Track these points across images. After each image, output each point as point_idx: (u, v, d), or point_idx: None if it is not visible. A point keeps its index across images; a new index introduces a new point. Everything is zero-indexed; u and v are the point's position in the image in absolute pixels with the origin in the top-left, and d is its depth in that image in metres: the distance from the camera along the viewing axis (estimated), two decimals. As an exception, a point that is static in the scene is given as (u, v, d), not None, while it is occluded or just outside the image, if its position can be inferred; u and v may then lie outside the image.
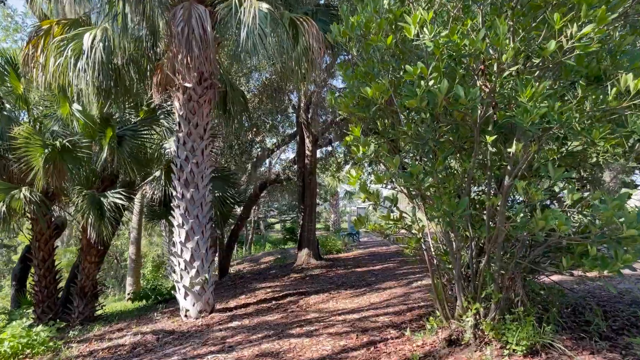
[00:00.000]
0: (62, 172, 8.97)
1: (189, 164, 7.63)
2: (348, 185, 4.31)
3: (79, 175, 9.13)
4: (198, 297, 7.50)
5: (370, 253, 15.32)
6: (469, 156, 3.59)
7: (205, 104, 7.82)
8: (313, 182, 13.16)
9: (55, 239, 11.13)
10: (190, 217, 7.57)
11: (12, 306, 12.72)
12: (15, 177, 9.45)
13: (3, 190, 8.22)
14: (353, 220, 4.38)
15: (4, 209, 8.11)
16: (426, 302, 6.18)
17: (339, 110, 4.45)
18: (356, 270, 10.98)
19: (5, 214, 8.33)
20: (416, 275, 9.06)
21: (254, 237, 29.68)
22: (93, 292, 10.72)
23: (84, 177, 9.92)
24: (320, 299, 7.65)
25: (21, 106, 10.27)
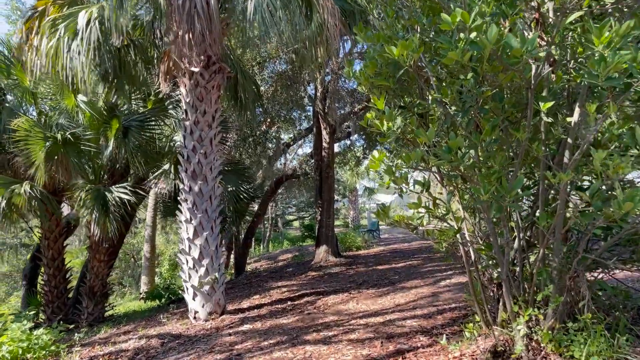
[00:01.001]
0: (67, 166, 8.52)
1: (196, 155, 7.08)
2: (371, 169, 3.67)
3: (83, 170, 8.64)
4: (207, 297, 6.94)
5: (392, 250, 14.64)
6: (516, 129, 2.93)
7: (213, 89, 7.25)
8: (331, 176, 12.53)
9: (65, 237, 10.73)
10: (199, 211, 7.02)
11: (22, 306, 12.39)
12: (21, 172, 9.05)
13: (3, 184, 7.78)
14: (375, 212, 3.77)
15: (3, 204, 7.66)
16: (458, 304, 5.52)
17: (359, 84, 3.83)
18: (378, 268, 10.33)
19: (5, 210, 7.89)
20: (443, 273, 8.37)
21: (271, 234, 29.19)
22: (102, 292, 10.27)
23: (91, 171, 9.48)
24: (339, 300, 7.03)
25: (28, 99, 9.88)
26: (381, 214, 3.74)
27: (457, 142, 2.58)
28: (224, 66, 7.33)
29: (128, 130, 8.47)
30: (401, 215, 3.48)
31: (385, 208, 3.73)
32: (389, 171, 3.06)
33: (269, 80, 10.99)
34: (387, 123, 3.14)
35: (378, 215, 3.76)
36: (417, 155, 2.87)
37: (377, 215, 3.77)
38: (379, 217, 3.76)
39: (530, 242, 3.54)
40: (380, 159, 3.37)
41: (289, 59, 11.68)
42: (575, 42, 2.76)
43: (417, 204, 3.17)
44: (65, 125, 8.99)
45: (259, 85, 9.71)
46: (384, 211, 3.71)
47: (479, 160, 2.82)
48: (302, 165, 15.99)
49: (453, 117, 2.96)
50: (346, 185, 33.17)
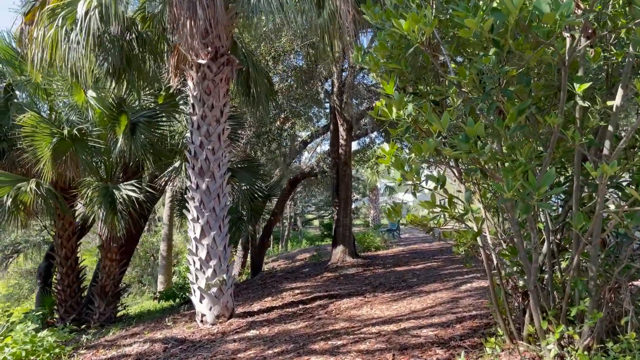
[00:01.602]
0: (76, 163, 8.34)
1: (203, 151, 6.78)
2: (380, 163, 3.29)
3: (93, 167, 8.44)
4: (215, 300, 6.64)
5: (411, 250, 14.18)
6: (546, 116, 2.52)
7: (221, 83, 6.94)
8: (348, 174, 12.14)
9: (79, 236, 10.59)
10: (206, 210, 6.72)
11: (36, 305, 12.33)
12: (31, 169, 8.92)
13: (9, 182, 7.61)
14: (387, 211, 3.39)
15: (9, 202, 7.49)
16: (479, 311, 5.08)
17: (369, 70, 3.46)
18: (395, 270, 9.91)
19: (11, 208, 7.72)
20: (464, 276, 7.91)
21: (290, 233, 28.90)
22: (114, 292, 10.07)
23: (103, 168, 9.30)
24: (352, 304, 6.65)
25: (41, 96, 9.76)
26: (392, 213, 3.37)
27: (476, 129, 2.19)
28: (232, 58, 7.01)
29: (136, 127, 8.22)
30: (414, 215, 3.09)
31: (397, 207, 3.35)
32: (398, 164, 2.67)
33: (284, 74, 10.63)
34: (396, 110, 2.76)
35: (389, 215, 3.39)
36: (429, 146, 2.48)
37: (388, 215, 3.40)
38: (390, 216, 3.39)
39: (562, 246, 3.12)
40: (391, 153, 2.99)
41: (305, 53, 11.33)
42: (618, 12, 2.34)
43: (430, 203, 2.79)
44: (76, 122, 8.82)
45: (271, 80, 9.38)
46: (395, 210, 3.34)
47: (501, 151, 2.42)
48: (320, 163, 15.63)
49: (472, 103, 2.56)
50: (366, 184, 32.70)
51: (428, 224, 3.37)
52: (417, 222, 3.38)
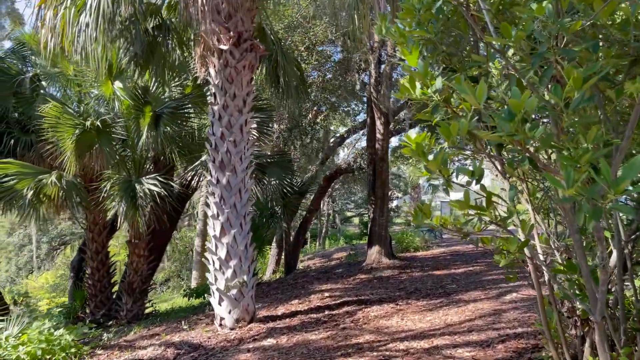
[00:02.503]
0: (100, 155, 8.11)
1: (224, 143, 6.35)
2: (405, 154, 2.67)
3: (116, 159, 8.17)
4: (235, 303, 6.20)
5: (453, 252, 13.37)
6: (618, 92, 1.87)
7: (244, 70, 6.49)
8: (384, 170, 11.48)
9: (110, 230, 10.44)
10: (226, 206, 6.28)
11: (69, 299, 12.33)
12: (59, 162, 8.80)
13: (31, 174, 7.42)
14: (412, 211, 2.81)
15: (29, 195, 7.29)
16: (526, 328, 4.39)
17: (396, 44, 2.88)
18: (434, 274, 9.21)
19: (34, 201, 7.54)
20: (509, 283, 7.15)
21: (328, 231, 28.37)
22: (142, 288, 9.83)
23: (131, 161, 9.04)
24: (382, 312, 6.05)
25: (74, 88, 9.63)
26: (419, 214, 2.78)
27: (524, 102, 1.58)
28: (256, 44, 6.54)
29: (160, 118, 7.89)
30: (445, 217, 2.49)
31: (424, 207, 2.76)
32: (419, 151, 2.09)
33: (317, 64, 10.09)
34: (421, 85, 2.17)
35: (415, 218, 2.81)
36: (461, 128, 1.88)
37: (414, 217, 2.82)
38: (416, 219, 2.81)
39: (635, 260, 2.45)
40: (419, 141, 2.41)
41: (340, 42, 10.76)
42: None
43: (463, 202, 2.18)
44: (103, 113, 8.61)
45: (302, 69, 8.85)
46: (423, 211, 2.75)
47: (559, 132, 1.80)
48: (357, 159, 15.04)
49: (519, 73, 1.94)
50: (408, 181, 31.77)
51: (462, 228, 2.78)
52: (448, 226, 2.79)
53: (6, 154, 8.32)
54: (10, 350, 6.07)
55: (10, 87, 8.34)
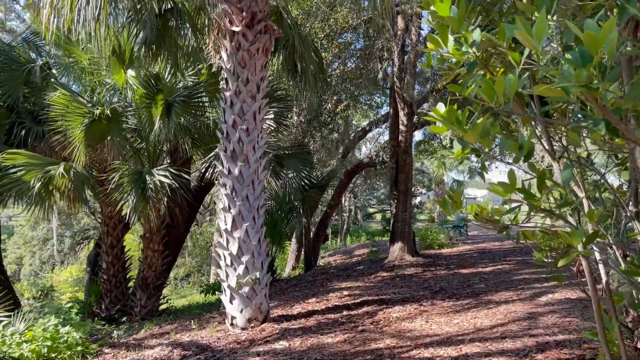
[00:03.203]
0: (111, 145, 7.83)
1: (236, 131, 5.96)
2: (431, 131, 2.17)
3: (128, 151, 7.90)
4: (247, 301, 5.82)
5: (479, 249, 12.78)
6: None
7: (258, 53, 6.08)
8: (408, 163, 10.98)
9: (126, 224, 10.20)
10: (238, 198, 5.90)
11: (85, 294, 12.19)
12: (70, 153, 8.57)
13: (39, 165, 7.17)
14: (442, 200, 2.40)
15: (37, 186, 7.03)
16: (568, 335, 3.89)
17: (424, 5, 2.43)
18: (460, 272, 8.69)
19: (42, 193, 7.28)
20: (543, 283, 6.61)
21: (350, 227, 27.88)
22: (156, 284, 9.54)
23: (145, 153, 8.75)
24: (405, 313, 5.59)
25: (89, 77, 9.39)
26: (449, 203, 2.35)
27: (605, 37, 1.13)
28: (270, 25, 6.12)
29: (171, 107, 7.55)
30: (481, 206, 2.05)
31: (455, 194, 2.32)
32: (451, 119, 1.64)
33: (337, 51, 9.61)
34: (453, 37, 1.72)
35: (443, 205, 2.38)
36: (508, 85, 1.42)
37: (443, 205, 2.39)
38: (444, 206, 2.38)
39: None
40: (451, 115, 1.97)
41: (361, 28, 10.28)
42: None
43: (508, 185, 1.73)
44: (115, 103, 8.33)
45: (321, 56, 8.41)
46: (454, 200, 2.31)
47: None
48: (380, 152, 14.54)
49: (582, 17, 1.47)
50: (432, 177, 31.04)
51: (501, 220, 2.34)
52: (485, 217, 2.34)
53: (17, 144, 8.11)
54: (14, 348, 5.81)
55: (19, 75, 8.11)
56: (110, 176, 7.11)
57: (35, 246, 28.39)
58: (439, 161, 28.74)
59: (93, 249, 12.50)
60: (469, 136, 1.63)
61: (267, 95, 8.79)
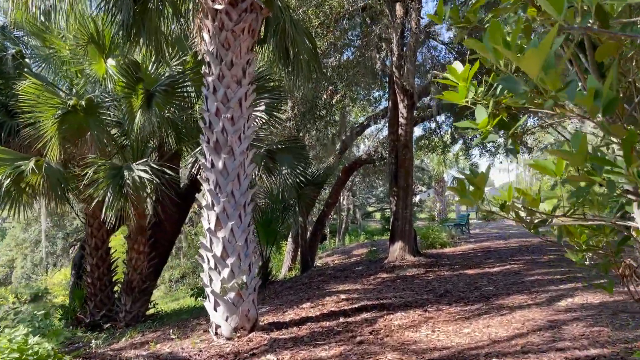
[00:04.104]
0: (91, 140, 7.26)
1: (220, 120, 5.39)
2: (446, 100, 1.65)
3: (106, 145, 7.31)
4: (233, 308, 5.24)
5: (483, 249, 12.20)
6: None
7: (243, 34, 5.50)
8: (408, 158, 10.40)
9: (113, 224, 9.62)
10: (222, 194, 5.32)
11: (70, 298, 11.59)
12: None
13: (8, 160, 6.57)
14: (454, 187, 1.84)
15: (6, 184, 6.43)
16: (600, 348, 3.31)
17: None
18: (465, 273, 8.11)
19: (13, 191, 6.68)
20: (558, 285, 6.04)
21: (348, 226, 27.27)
22: (142, 288, 8.97)
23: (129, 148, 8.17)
24: (408, 320, 5.01)
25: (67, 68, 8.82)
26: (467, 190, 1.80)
27: None
28: (257, 3, 5.54)
29: (152, 97, 6.97)
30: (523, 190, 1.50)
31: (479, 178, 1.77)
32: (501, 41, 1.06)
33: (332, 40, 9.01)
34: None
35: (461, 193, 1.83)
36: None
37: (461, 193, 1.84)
38: (462, 194, 1.83)
39: None
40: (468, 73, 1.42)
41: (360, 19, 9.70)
42: None
43: (573, 155, 1.15)
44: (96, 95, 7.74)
45: (315, 42, 7.82)
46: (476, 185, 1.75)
47: None
48: (379, 148, 13.96)
49: None
50: (432, 175, 30.46)
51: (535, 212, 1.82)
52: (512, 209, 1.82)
53: (-10, 139, 7.54)
54: (-25, 363, 5.23)
55: (-13, 66, 7.52)
56: (84, 172, 6.51)
57: (27, 248, 27.74)
58: (439, 158, 28.18)
59: (78, 251, 11.88)
60: (527, 63, 1.04)
61: (258, 86, 8.26)
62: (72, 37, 7.95)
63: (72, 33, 7.73)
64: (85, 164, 6.73)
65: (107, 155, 8.39)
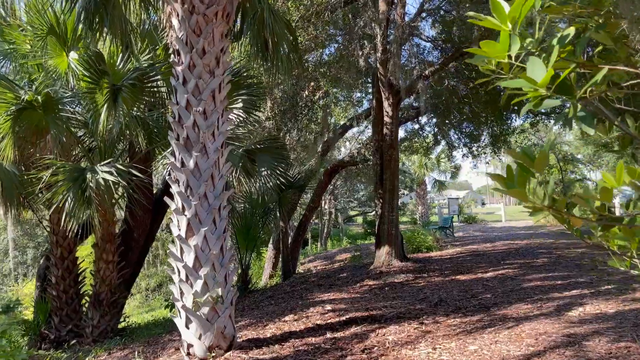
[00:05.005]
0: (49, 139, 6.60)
1: (191, 114, 4.82)
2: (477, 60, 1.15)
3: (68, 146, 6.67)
4: (207, 325, 4.65)
5: (471, 252, 11.79)
6: None
7: (216, 19, 4.95)
8: (394, 158, 9.93)
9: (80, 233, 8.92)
10: (194, 197, 4.75)
11: (34, 312, 10.82)
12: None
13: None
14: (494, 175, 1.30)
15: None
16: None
17: None
18: (458, 279, 7.65)
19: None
20: (563, 292, 5.59)
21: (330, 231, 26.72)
22: (111, 300, 8.26)
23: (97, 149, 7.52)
24: (404, 335, 4.49)
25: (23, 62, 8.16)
26: (509, 185, 1.28)
27: None
28: (231, -16, 5.00)
29: (118, 93, 6.35)
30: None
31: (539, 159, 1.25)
32: None
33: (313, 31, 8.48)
34: None
35: (504, 182, 1.31)
36: None
37: (505, 183, 1.31)
38: (509, 181, 1.30)
39: None
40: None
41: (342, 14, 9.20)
42: None
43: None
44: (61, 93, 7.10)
45: (295, 34, 7.30)
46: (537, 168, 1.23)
47: None
48: (362, 150, 13.50)
49: None
50: (414, 178, 30.14)
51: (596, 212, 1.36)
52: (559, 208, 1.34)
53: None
54: None
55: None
56: (39, 175, 5.86)
57: (-4, 258, 26.55)
58: (420, 161, 27.91)
59: (42, 262, 11.10)
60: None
61: (236, 82, 7.69)
62: (31, 30, 7.33)
63: (30, 23, 7.11)
64: (42, 165, 6.07)
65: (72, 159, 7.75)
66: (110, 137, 7.12)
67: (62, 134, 6.42)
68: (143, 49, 7.62)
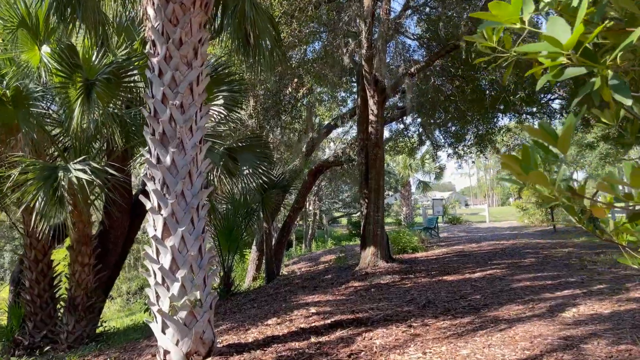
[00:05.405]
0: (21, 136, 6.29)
1: (167, 108, 4.57)
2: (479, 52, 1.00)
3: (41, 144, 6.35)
4: (185, 330, 4.40)
5: (457, 252, 11.67)
6: None
7: (194, 8, 4.71)
8: (379, 157, 9.75)
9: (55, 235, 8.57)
10: (171, 195, 4.49)
11: (8, 317, 10.41)
12: None
13: None
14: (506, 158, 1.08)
15: None
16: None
17: None
18: (445, 280, 7.48)
19: None
20: (554, 293, 5.44)
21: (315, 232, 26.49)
22: (87, 305, 7.93)
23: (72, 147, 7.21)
24: (392, 339, 4.29)
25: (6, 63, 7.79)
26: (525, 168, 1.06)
27: None
28: (210, -28, 4.76)
29: (92, 88, 6.05)
30: None
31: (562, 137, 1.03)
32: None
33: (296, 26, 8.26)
34: None
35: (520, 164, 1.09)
36: None
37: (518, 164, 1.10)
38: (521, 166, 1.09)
39: None
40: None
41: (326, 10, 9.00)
42: None
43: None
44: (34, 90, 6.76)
45: (277, 27, 7.07)
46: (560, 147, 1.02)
47: None
48: (347, 149, 13.31)
49: None
50: (398, 179, 30.06)
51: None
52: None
53: None
54: None
55: None
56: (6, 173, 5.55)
57: (-30, 262, 25.78)
58: (404, 162, 27.85)
59: (17, 266, 10.70)
60: None
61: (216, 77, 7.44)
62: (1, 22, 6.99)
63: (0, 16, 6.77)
64: (11, 163, 5.75)
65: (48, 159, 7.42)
66: (85, 134, 6.81)
67: (34, 130, 6.10)
68: (120, 43, 7.35)
